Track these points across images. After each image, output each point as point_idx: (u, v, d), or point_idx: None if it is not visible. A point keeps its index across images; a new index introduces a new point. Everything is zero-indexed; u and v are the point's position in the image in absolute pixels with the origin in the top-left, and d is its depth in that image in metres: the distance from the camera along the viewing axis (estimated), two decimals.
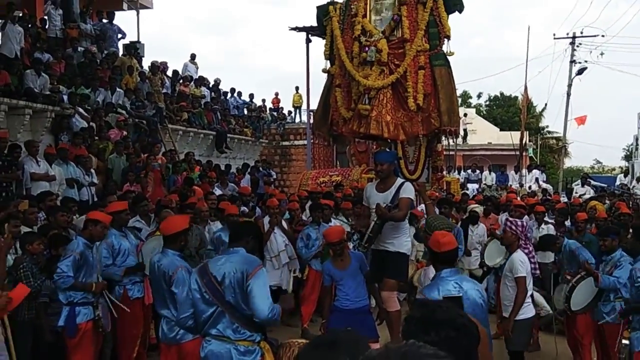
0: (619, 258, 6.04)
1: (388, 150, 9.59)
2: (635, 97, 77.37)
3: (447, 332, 1.98)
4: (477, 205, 10.48)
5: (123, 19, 21.04)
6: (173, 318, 4.77)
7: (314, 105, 19.88)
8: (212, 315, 4.06)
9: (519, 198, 12.39)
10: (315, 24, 11.80)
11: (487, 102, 49.61)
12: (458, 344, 1.97)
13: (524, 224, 6.51)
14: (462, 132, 26.15)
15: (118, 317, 6.02)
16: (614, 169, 52.86)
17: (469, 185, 19.99)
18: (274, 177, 18.56)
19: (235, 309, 4.03)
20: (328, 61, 10.94)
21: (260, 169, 17.29)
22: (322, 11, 8.96)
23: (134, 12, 19.51)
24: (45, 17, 14.59)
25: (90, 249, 5.65)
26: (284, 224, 8.77)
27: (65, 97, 11.74)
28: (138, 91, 14.47)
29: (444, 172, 14.77)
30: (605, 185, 21.75)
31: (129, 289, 6.24)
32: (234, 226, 4.47)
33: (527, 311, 5.88)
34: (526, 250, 6.11)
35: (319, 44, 16.94)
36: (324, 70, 10.01)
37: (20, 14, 13.78)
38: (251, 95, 22.87)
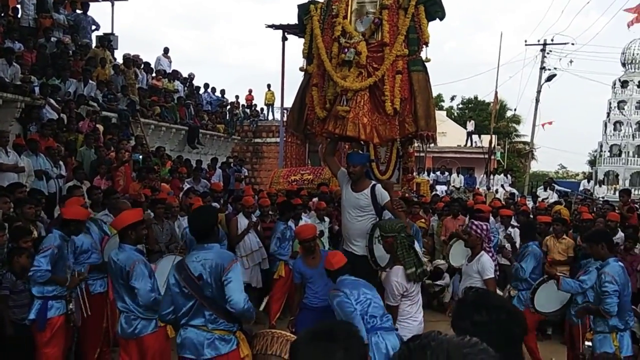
0: (591, 263, 6.16)
1: (361, 152, 9.71)
2: (601, 105, 78.98)
3: (499, 315, 1.99)
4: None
5: (98, 10, 20.82)
6: (131, 311, 4.81)
7: (287, 103, 20.06)
8: (192, 308, 4.18)
9: (487, 202, 12.65)
10: (292, 22, 11.81)
11: (460, 105, 50.23)
12: (507, 328, 1.98)
13: (488, 227, 6.68)
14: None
15: (90, 312, 5.97)
16: (577, 174, 54.06)
17: (437, 187, 20.33)
18: (245, 173, 18.56)
19: (213, 302, 4.15)
20: (305, 60, 10.99)
21: (232, 165, 17.30)
22: (303, 10, 8.97)
23: (109, 3, 19.27)
24: (18, 6, 14.35)
25: (67, 242, 5.62)
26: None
27: (36, 88, 11.59)
28: (110, 84, 14.35)
29: (414, 174, 14.97)
30: (569, 190, 22.29)
31: (90, 284, 6.21)
32: (200, 223, 4.34)
33: None
34: (490, 254, 6.27)
35: (295, 42, 17.06)
36: (301, 69, 10.03)
37: None
38: (222, 91, 22.74)
